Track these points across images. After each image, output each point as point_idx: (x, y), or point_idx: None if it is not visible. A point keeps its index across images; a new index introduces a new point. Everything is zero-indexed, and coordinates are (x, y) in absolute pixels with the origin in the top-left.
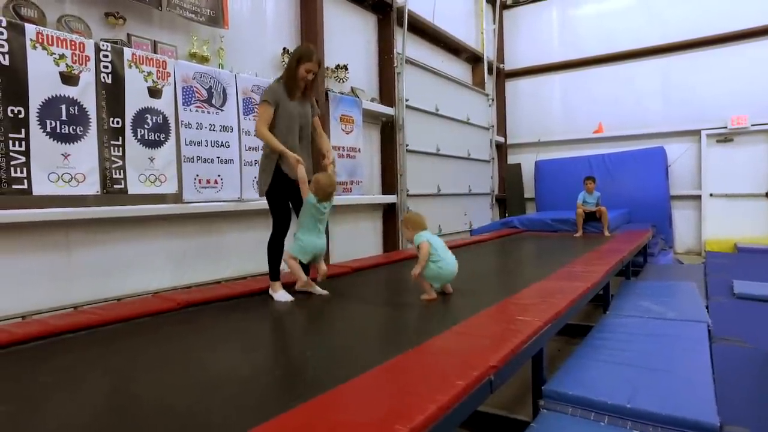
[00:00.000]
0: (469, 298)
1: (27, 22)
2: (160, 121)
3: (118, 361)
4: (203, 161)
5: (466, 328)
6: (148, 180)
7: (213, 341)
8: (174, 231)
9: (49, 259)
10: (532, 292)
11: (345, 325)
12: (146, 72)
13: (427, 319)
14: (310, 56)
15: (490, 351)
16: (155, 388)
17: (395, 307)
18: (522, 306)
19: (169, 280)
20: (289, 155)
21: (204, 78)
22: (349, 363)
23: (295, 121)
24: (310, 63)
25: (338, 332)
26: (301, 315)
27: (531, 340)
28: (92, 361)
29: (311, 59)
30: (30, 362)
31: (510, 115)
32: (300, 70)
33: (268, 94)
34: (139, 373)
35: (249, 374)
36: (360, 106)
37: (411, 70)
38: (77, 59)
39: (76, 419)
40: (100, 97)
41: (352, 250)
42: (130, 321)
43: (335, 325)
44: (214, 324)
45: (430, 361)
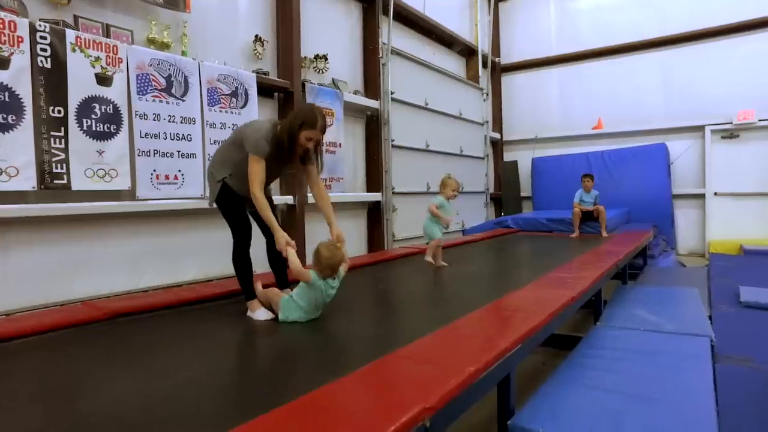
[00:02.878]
0: (439, 307)
1: None
2: (111, 111)
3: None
4: (162, 155)
5: (415, 350)
6: (97, 175)
7: (118, 361)
8: (129, 230)
9: None
10: (509, 302)
11: (273, 345)
12: (93, 57)
13: (373, 336)
14: (314, 123)
15: (432, 385)
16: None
17: (348, 320)
18: (491, 321)
19: (125, 283)
20: (279, 236)
21: (162, 65)
22: (243, 402)
23: (274, 175)
24: (313, 131)
25: (261, 356)
26: (239, 333)
27: (490, 368)
28: None
29: (315, 126)
30: None
31: (506, 110)
32: (300, 138)
33: (260, 146)
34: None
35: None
36: (341, 98)
37: (398, 62)
38: (7, 40)
39: None
40: (36, 83)
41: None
42: (42, 334)
43: (272, 343)
44: (139, 339)
45: (351, 400)
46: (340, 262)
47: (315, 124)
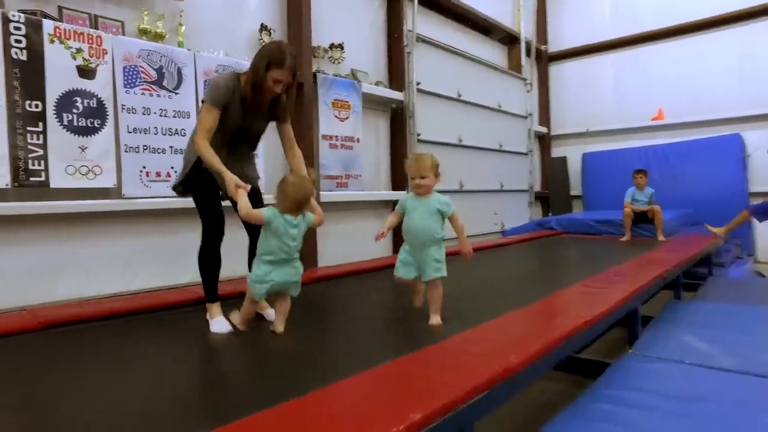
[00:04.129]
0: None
1: None
2: (94, 105)
3: None
4: (152, 151)
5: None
6: (79, 172)
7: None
8: (117, 230)
9: None
10: (507, 322)
11: (248, 357)
12: (74, 48)
13: (349, 353)
14: (281, 61)
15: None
16: None
17: (331, 330)
18: (461, 351)
19: (114, 285)
20: (227, 179)
21: (153, 56)
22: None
23: (244, 132)
24: (279, 71)
25: (233, 368)
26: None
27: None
28: None
29: (283, 65)
30: None
31: (554, 102)
32: (267, 80)
33: (215, 93)
34: None
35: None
36: (358, 89)
37: (425, 50)
38: None
39: None
40: (10, 76)
41: (349, 251)
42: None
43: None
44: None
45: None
46: (307, 197)
47: (283, 63)
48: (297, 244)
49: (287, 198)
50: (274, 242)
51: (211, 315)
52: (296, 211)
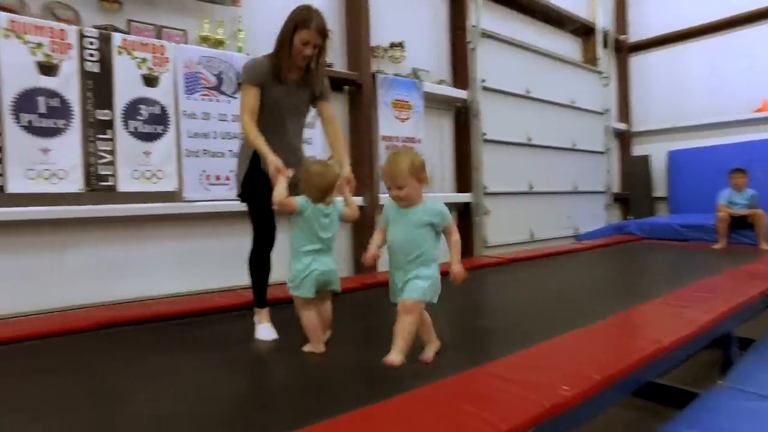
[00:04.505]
0: (461, 351)
1: (4, 11)
2: (158, 112)
3: None
4: (211, 155)
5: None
6: (143, 176)
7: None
8: (178, 232)
9: (40, 259)
10: (567, 343)
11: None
12: (140, 59)
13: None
14: (307, 22)
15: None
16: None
17: (382, 340)
18: (503, 379)
19: (176, 285)
20: (270, 160)
21: (212, 63)
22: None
23: (284, 112)
24: (306, 31)
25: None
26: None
27: None
28: None
29: (309, 26)
30: None
31: (635, 96)
32: (295, 42)
33: (249, 73)
34: None
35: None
36: (419, 88)
37: (491, 46)
38: (57, 48)
39: None
40: (84, 87)
41: None
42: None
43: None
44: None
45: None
46: (332, 184)
47: (309, 23)
48: (331, 235)
49: (313, 186)
50: (308, 232)
51: (258, 320)
52: (322, 200)
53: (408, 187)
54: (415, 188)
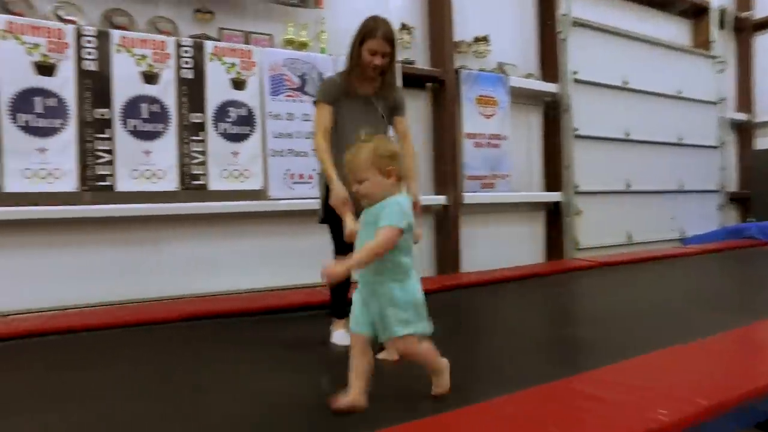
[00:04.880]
0: (545, 362)
1: (118, 29)
2: (245, 114)
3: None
4: (295, 154)
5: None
6: (231, 175)
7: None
8: (264, 230)
9: (138, 253)
10: (667, 359)
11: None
12: (229, 64)
13: (468, 373)
14: (374, 32)
15: None
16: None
17: (464, 344)
18: (589, 396)
19: (262, 280)
20: (334, 193)
21: (296, 64)
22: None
23: (360, 127)
24: (373, 41)
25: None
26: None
27: None
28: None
29: (375, 35)
30: None
31: (760, 82)
32: (363, 54)
33: (322, 90)
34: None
35: None
36: (505, 84)
37: (583, 35)
38: (159, 58)
39: None
40: (180, 93)
41: (494, 258)
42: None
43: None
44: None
45: None
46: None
47: (375, 32)
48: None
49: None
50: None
51: (334, 327)
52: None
53: (369, 181)
54: (379, 182)
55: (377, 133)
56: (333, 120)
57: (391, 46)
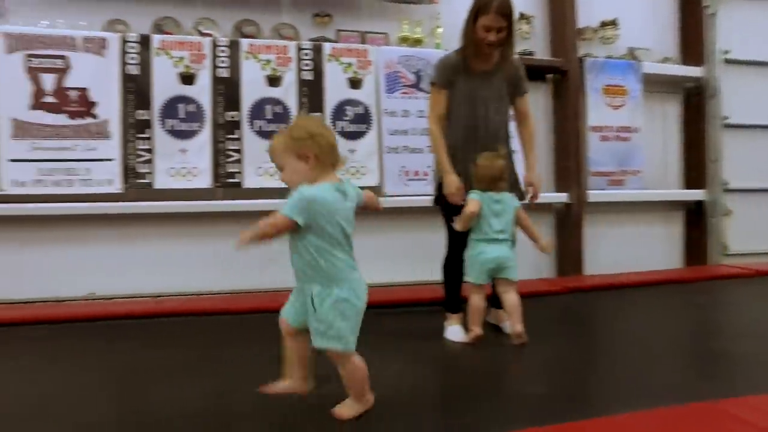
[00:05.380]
0: (688, 378)
1: (247, 38)
2: (361, 112)
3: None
4: (410, 151)
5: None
6: (349, 172)
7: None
8: (379, 225)
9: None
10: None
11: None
12: (346, 64)
13: (590, 383)
14: (487, 7)
15: None
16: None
17: (583, 350)
18: (734, 418)
19: (378, 275)
20: (446, 182)
21: (411, 61)
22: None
23: (477, 104)
24: (486, 16)
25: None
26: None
27: None
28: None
29: (488, 11)
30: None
31: None
32: (478, 30)
33: (436, 72)
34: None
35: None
36: (637, 70)
37: (738, 7)
38: (281, 62)
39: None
40: (300, 93)
41: (623, 260)
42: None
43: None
44: None
45: None
46: (497, 174)
47: (488, 7)
48: (505, 223)
49: (479, 176)
50: (482, 221)
51: (447, 322)
52: (491, 187)
53: (287, 168)
54: (297, 168)
55: (498, 113)
56: (448, 103)
57: (507, 20)
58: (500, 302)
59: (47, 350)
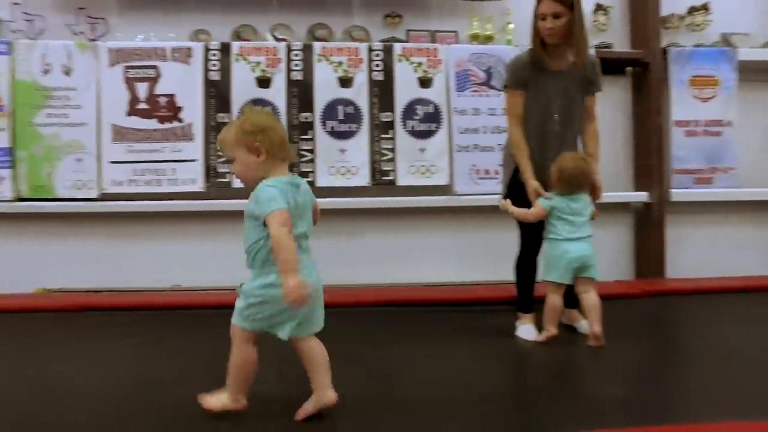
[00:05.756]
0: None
1: (319, 41)
2: (431, 111)
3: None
4: (481, 150)
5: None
6: (418, 171)
7: None
8: (449, 224)
9: (334, 242)
10: None
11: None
12: (416, 63)
13: (661, 389)
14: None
15: None
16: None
17: (659, 356)
18: None
19: (445, 274)
20: (528, 184)
21: (481, 59)
22: None
23: (550, 103)
24: (541, 4)
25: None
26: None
27: None
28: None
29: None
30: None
31: None
32: (537, 22)
33: (508, 73)
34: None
35: None
36: (732, 58)
37: None
38: (353, 63)
39: None
40: (371, 94)
41: (710, 263)
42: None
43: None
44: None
45: None
46: (586, 179)
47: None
48: (584, 219)
49: (564, 178)
50: (561, 219)
51: (519, 321)
52: (573, 192)
53: (237, 160)
54: (247, 161)
55: (569, 114)
56: (523, 105)
57: (563, 4)
58: (578, 302)
59: (141, 333)
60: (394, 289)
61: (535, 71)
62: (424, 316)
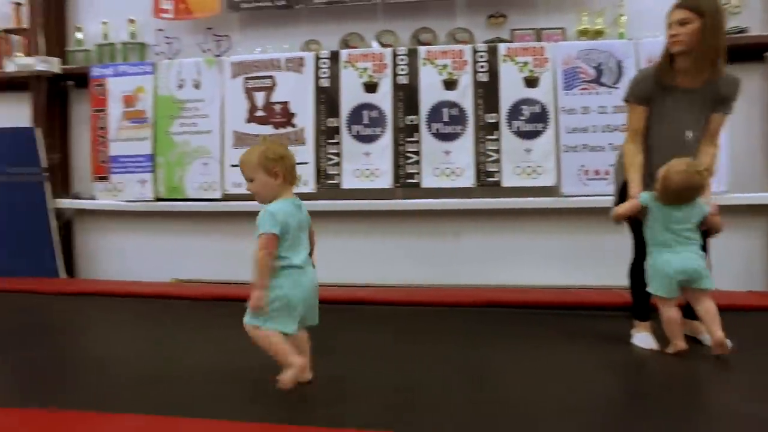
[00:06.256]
0: None
1: (423, 45)
2: (538, 111)
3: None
4: (590, 150)
5: None
6: (524, 172)
7: None
8: (555, 226)
9: (439, 242)
10: None
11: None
12: (522, 63)
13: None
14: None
15: None
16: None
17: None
18: None
19: (551, 277)
20: (631, 204)
21: (591, 55)
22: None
23: (676, 126)
24: (670, 13)
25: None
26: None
27: None
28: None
29: (672, 8)
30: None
31: None
32: (667, 33)
33: (632, 87)
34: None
35: None
36: None
37: None
38: (457, 66)
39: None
40: (476, 95)
41: None
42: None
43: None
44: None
45: None
46: (695, 194)
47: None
48: (690, 227)
49: (671, 191)
50: (660, 226)
51: (636, 329)
52: (677, 202)
53: (256, 180)
54: (265, 182)
55: (696, 137)
56: (645, 120)
57: (691, 10)
58: (694, 312)
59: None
60: (499, 290)
61: (662, 89)
62: (531, 318)
